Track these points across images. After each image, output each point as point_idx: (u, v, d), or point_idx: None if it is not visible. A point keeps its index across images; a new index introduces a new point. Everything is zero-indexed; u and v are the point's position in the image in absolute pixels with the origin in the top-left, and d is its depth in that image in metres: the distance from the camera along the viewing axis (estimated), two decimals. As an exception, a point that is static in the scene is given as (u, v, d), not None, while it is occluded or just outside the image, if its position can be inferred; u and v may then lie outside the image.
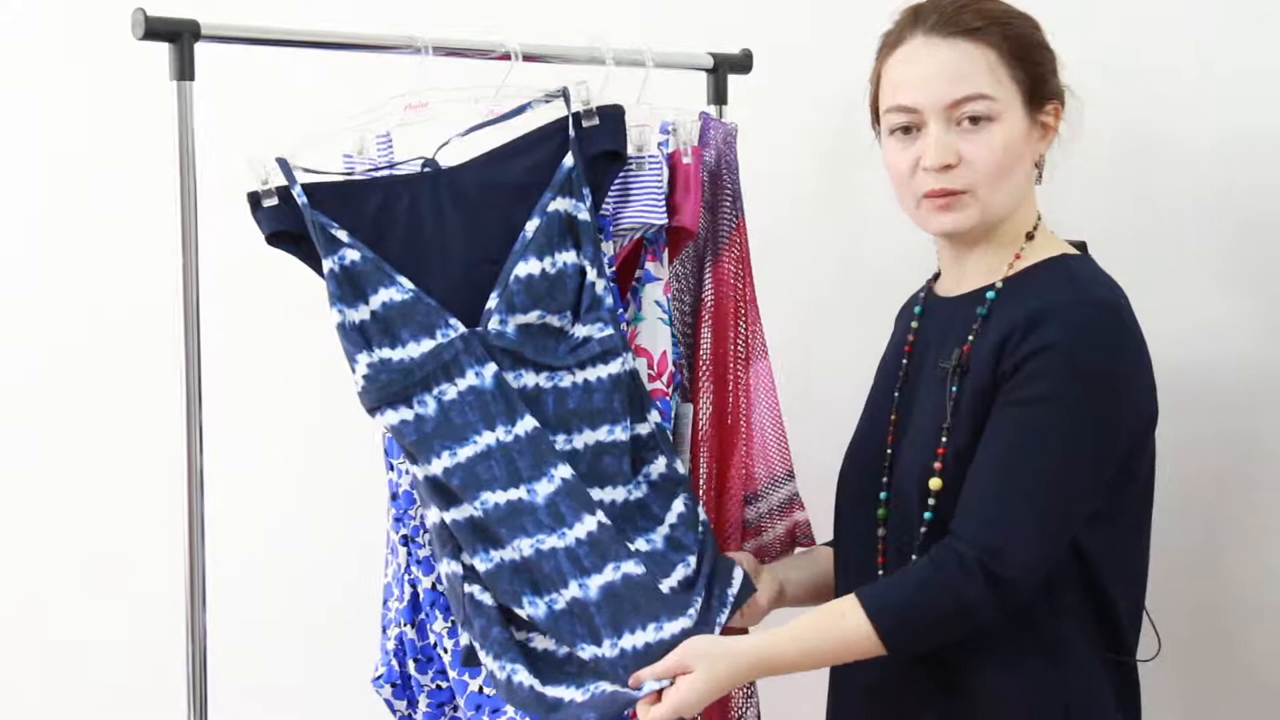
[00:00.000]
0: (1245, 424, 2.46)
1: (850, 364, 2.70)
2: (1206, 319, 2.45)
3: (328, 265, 2.18)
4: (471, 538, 2.17)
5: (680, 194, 2.31)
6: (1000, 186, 2.04)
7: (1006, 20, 2.06)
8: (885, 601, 1.98)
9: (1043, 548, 1.96)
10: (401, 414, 2.18)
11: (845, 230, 2.82)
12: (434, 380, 2.18)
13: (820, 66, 2.81)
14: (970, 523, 1.97)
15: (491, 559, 2.17)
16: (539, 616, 2.15)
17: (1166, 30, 2.49)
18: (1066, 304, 1.99)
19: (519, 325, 2.17)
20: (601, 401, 2.18)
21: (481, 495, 2.16)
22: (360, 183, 2.24)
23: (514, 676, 2.13)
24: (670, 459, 2.22)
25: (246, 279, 3.03)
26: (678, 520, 2.20)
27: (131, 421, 3.41)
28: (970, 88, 2.03)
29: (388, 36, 2.30)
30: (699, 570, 2.16)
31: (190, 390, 2.20)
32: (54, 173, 3.54)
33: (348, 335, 2.17)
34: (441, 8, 3.05)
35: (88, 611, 3.55)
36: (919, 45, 2.06)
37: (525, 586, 2.16)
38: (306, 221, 2.19)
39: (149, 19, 2.13)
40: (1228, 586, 2.49)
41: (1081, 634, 2.02)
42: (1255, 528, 2.47)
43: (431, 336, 2.18)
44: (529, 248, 2.17)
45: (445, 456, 2.17)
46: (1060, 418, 1.95)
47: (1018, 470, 1.96)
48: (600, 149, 2.21)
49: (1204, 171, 2.46)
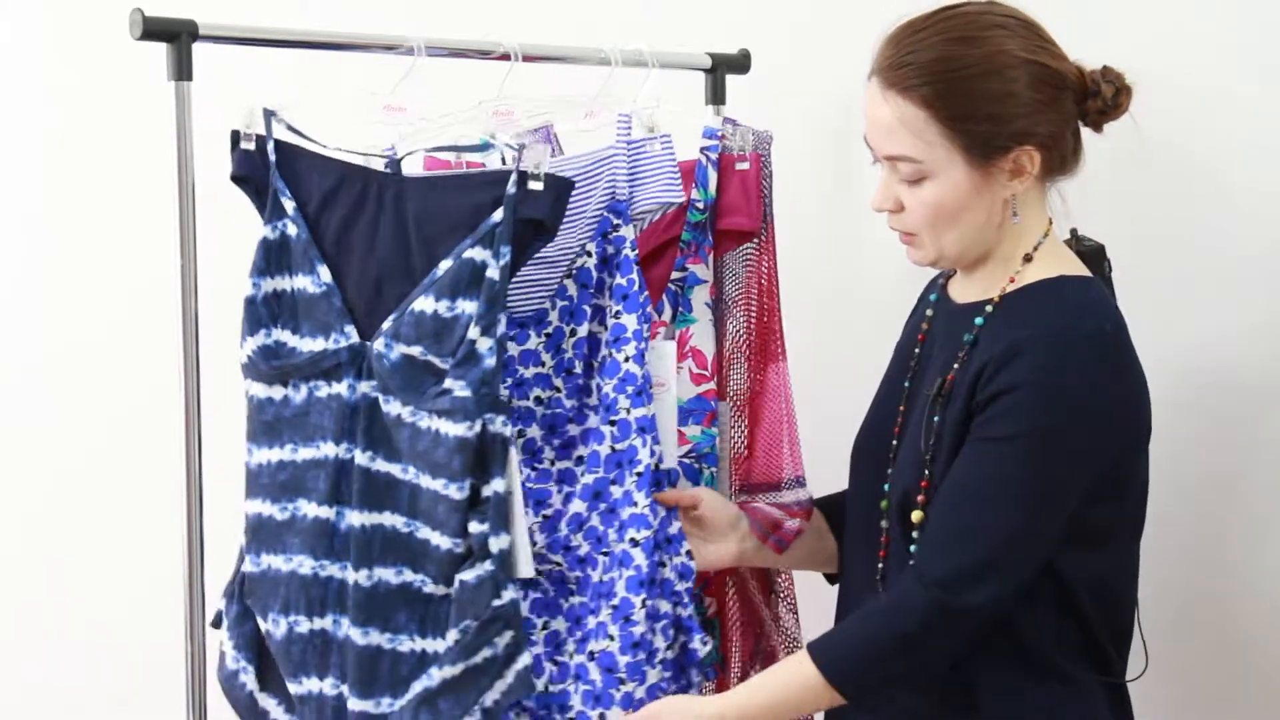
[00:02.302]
0: (1249, 430, 2.45)
1: (850, 363, 2.70)
2: (1230, 321, 2.45)
3: (264, 232, 2.22)
4: (255, 536, 2.22)
5: (737, 197, 2.33)
6: (945, 234, 2.04)
7: (941, 77, 1.98)
8: (833, 650, 2.00)
9: (998, 575, 1.94)
10: (272, 390, 2.22)
11: (844, 230, 2.82)
12: (316, 375, 2.20)
13: (819, 67, 2.81)
14: (925, 556, 1.98)
15: (260, 563, 2.22)
16: (276, 635, 2.20)
17: (1175, 36, 2.48)
18: (1041, 338, 1.97)
19: (402, 354, 2.13)
20: (444, 456, 2.10)
21: (297, 501, 2.19)
22: (323, 158, 2.24)
23: (242, 674, 2.24)
24: (497, 533, 2.11)
25: (244, 278, 3.02)
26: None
27: (131, 421, 3.41)
28: (896, 147, 2.01)
29: (386, 37, 2.30)
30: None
31: (189, 390, 2.20)
32: (53, 173, 3.53)
33: (256, 309, 2.21)
34: (441, 8, 3.05)
35: (87, 611, 3.55)
36: (870, 88, 2.05)
37: (275, 602, 2.20)
38: (265, 180, 2.22)
39: (147, 19, 2.13)
40: (1228, 594, 2.49)
41: (1070, 656, 2.02)
42: (1257, 534, 2.47)
43: (325, 337, 2.19)
44: (434, 286, 2.12)
45: (286, 449, 2.20)
46: (1022, 450, 1.94)
47: (976, 503, 1.96)
48: (531, 215, 2.11)
49: (1223, 177, 2.45)
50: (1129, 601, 2.08)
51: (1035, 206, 2.06)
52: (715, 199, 2.33)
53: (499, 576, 2.08)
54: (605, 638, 2.19)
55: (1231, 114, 2.45)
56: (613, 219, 2.25)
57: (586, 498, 2.23)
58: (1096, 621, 2.02)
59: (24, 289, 3.60)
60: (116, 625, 3.51)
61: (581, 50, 2.40)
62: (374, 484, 2.16)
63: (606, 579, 2.21)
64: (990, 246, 2.06)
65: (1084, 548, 1.99)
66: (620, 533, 2.21)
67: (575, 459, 2.26)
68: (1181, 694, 2.49)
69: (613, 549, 2.22)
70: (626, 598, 2.18)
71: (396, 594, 2.15)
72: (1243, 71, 2.44)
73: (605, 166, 2.27)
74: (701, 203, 2.32)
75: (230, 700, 2.29)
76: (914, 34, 2.02)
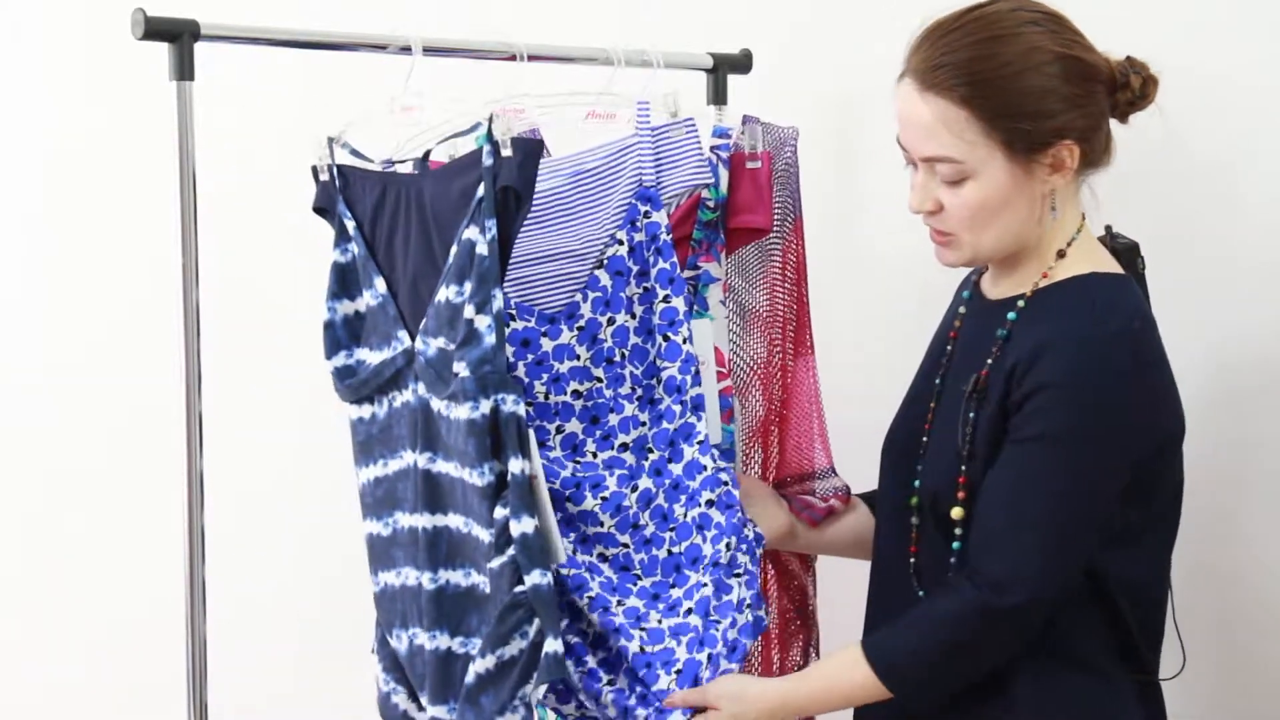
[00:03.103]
0: (1245, 424, 2.46)
1: (850, 362, 2.70)
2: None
3: (334, 257, 2.24)
4: (371, 557, 2.23)
5: (750, 195, 2.34)
6: (984, 232, 2.04)
7: (980, 76, 1.99)
8: (888, 651, 2.02)
9: (1046, 577, 1.96)
10: (363, 410, 2.23)
11: (845, 231, 2.82)
12: (390, 385, 2.21)
13: (820, 66, 2.81)
14: (977, 558, 2.00)
15: (379, 582, 2.23)
16: (401, 651, 2.21)
17: (1193, 32, 2.48)
18: (1071, 335, 1.98)
19: (437, 348, 2.13)
20: (462, 443, 2.09)
21: (395, 514, 2.20)
22: (370, 173, 2.26)
23: (393, 696, 2.24)
24: (519, 516, 2.08)
25: (246, 279, 3.02)
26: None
27: (131, 421, 3.41)
28: (936, 148, 2.01)
29: (388, 37, 2.30)
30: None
31: (190, 390, 2.20)
32: (54, 173, 3.53)
33: (335, 332, 2.24)
34: (442, 8, 3.05)
35: (87, 611, 3.55)
36: (904, 89, 2.05)
37: (396, 618, 2.21)
38: (336, 207, 2.25)
39: (149, 19, 2.13)
40: (1250, 597, 2.48)
41: (1104, 653, 2.03)
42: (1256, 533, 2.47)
43: (388, 347, 2.21)
44: (448, 273, 2.12)
45: (379, 465, 2.21)
46: (1058, 452, 1.96)
47: (1020, 504, 1.97)
48: (505, 183, 2.07)
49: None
50: (1161, 600, 2.09)
51: (1070, 202, 2.07)
52: (727, 197, 2.34)
53: (520, 561, 2.04)
54: (700, 589, 2.19)
55: (1259, 108, 2.44)
56: (641, 206, 2.25)
57: (651, 474, 2.24)
58: (1130, 619, 2.03)
59: (24, 289, 3.60)
60: (116, 625, 3.51)
61: (585, 50, 2.40)
62: (433, 485, 2.15)
63: (677, 550, 2.23)
64: (1026, 243, 2.06)
65: (1115, 546, 2.00)
66: (691, 501, 2.22)
67: (619, 446, 2.26)
68: (1215, 692, 2.48)
69: (683, 520, 2.23)
70: (716, 550, 2.19)
71: (465, 597, 2.13)
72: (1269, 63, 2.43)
73: (629, 155, 2.27)
74: (713, 201, 2.33)
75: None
76: (946, 34, 2.02)
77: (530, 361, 2.23)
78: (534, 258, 2.25)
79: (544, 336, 2.24)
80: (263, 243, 3.10)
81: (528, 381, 2.23)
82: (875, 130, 2.78)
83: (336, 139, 2.26)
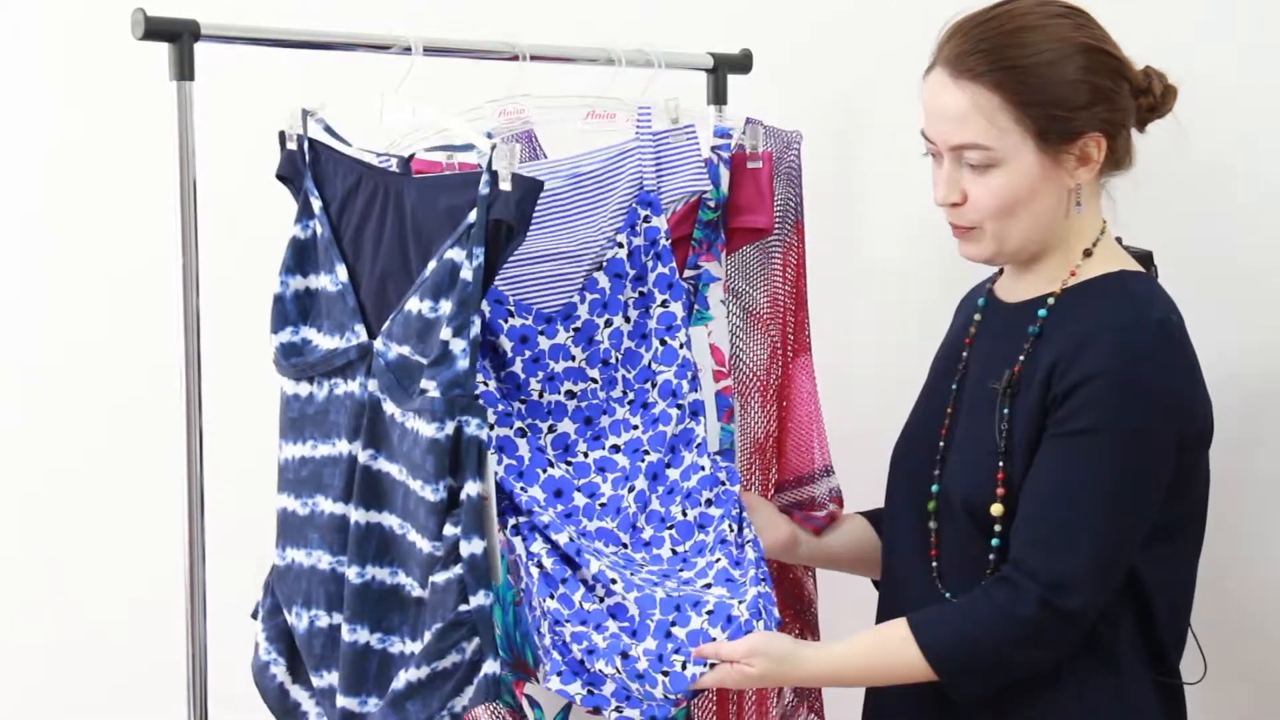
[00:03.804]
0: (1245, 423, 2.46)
1: (851, 362, 2.70)
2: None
3: (294, 231, 2.25)
4: (282, 531, 2.26)
5: (751, 196, 2.35)
6: (1011, 224, 2.04)
7: (1014, 63, 2.00)
8: (940, 637, 2.00)
9: (1103, 577, 1.97)
10: (299, 388, 2.25)
11: (846, 231, 2.82)
12: (335, 373, 2.21)
13: (820, 66, 2.81)
14: (1030, 555, 1.97)
15: (285, 558, 2.25)
16: (299, 629, 2.23)
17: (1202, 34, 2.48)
18: (1114, 326, 1.98)
19: (398, 354, 2.13)
20: (419, 457, 2.09)
21: (316, 497, 2.22)
22: (347, 158, 2.25)
23: (272, 666, 2.27)
24: (469, 537, 2.07)
25: (246, 279, 3.02)
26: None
27: (132, 421, 3.41)
28: (968, 135, 2.01)
29: (388, 37, 2.30)
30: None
31: (190, 390, 2.21)
32: (54, 173, 3.53)
33: (284, 306, 2.26)
34: (443, 8, 3.05)
35: (88, 611, 3.55)
36: (936, 78, 2.05)
37: (299, 596, 2.23)
38: (302, 181, 2.25)
39: (149, 19, 2.13)
40: (1229, 590, 2.49)
41: (1132, 652, 2.03)
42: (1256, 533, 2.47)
43: (340, 336, 2.21)
44: (422, 286, 2.11)
45: (307, 445, 2.23)
46: (1112, 446, 1.95)
47: (1075, 500, 1.96)
48: (499, 216, 2.05)
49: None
50: (1189, 601, 2.09)
51: (1093, 202, 2.08)
52: (728, 197, 2.34)
53: (467, 581, 2.06)
54: (714, 565, 2.18)
55: (1262, 109, 2.44)
56: (641, 210, 2.25)
57: (648, 477, 2.24)
58: (1160, 618, 2.03)
59: (24, 289, 3.60)
60: (116, 625, 3.51)
61: (586, 50, 2.40)
62: (373, 482, 2.16)
63: (681, 549, 2.22)
64: (1048, 241, 2.06)
65: (1154, 543, 2.00)
66: (690, 501, 2.23)
67: (610, 448, 2.26)
68: (1239, 698, 2.48)
69: (683, 518, 2.23)
70: (720, 530, 2.20)
71: (390, 595, 2.15)
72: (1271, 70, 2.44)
73: (629, 159, 2.28)
74: (714, 201, 2.33)
75: (261, 691, 2.30)
76: (977, 25, 2.03)
77: (527, 358, 2.23)
78: (531, 257, 2.25)
79: (541, 335, 2.24)
80: (263, 243, 3.10)
81: (523, 379, 2.23)
82: (875, 131, 2.79)
83: (312, 113, 2.25)
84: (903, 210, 2.74)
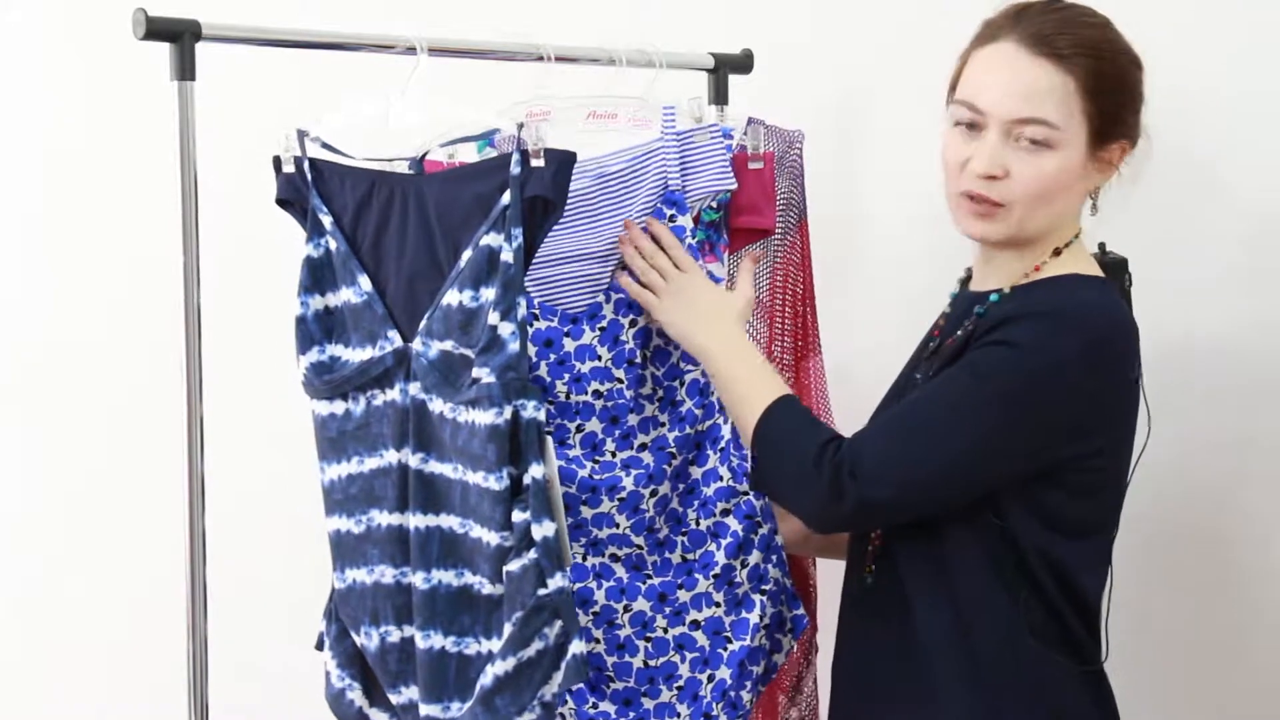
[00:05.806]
0: (1244, 424, 2.46)
1: (850, 362, 2.71)
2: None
3: (307, 251, 2.23)
4: (338, 553, 2.23)
5: (754, 196, 2.35)
6: (1039, 210, 2.04)
7: (1099, 54, 2.03)
8: (775, 429, 2.07)
9: (900, 484, 1.99)
10: (334, 406, 2.22)
11: (846, 231, 2.82)
12: (372, 384, 2.20)
13: (820, 66, 2.81)
14: (854, 438, 2.03)
15: (345, 579, 2.23)
16: (370, 648, 2.21)
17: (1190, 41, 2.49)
18: (1041, 311, 2.00)
19: (439, 350, 2.13)
20: (479, 447, 2.08)
21: (370, 512, 2.20)
22: (353, 169, 2.25)
23: (348, 692, 2.25)
24: (539, 520, 2.08)
25: (247, 279, 3.03)
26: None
27: (132, 421, 3.41)
28: (1037, 110, 2.02)
29: (391, 37, 2.29)
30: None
31: (191, 390, 2.20)
32: (54, 173, 3.54)
33: (307, 327, 2.24)
34: (443, 8, 3.05)
35: (87, 611, 3.55)
36: (1007, 50, 2.04)
37: (365, 615, 2.22)
38: (307, 200, 2.24)
39: (150, 19, 2.13)
40: (1229, 590, 2.49)
41: (1051, 644, 2.04)
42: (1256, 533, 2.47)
43: (372, 345, 2.20)
44: (459, 278, 2.11)
45: (353, 462, 2.21)
46: (979, 388, 1.98)
47: (915, 410, 2.02)
48: (536, 193, 2.06)
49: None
50: (1097, 592, 2.09)
51: (1079, 206, 2.10)
52: (730, 198, 2.34)
53: (543, 565, 2.05)
54: (710, 605, 2.21)
55: (1233, 117, 2.45)
56: (667, 210, 2.26)
57: (671, 477, 2.25)
58: (1069, 610, 2.04)
59: (25, 289, 3.60)
60: (116, 625, 3.52)
61: (586, 50, 2.40)
62: (427, 486, 2.15)
63: (690, 558, 2.24)
64: (1042, 234, 2.08)
65: (1061, 534, 2.02)
66: (704, 510, 2.24)
67: (637, 447, 2.26)
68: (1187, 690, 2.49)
69: (696, 527, 2.24)
70: (729, 564, 2.21)
71: (459, 596, 2.13)
72: (1250, 74, 2.44)
73: (653, 159, 2.28)
74: (716, 201, 2.33)
75: (340, 719, 2.28)
76: (1057, 10, 2.05)
77: (552, 361, 2.24)
78: (557, 258, 2.26)
79: (566, 336, 2.24)
80: (264, 243, 3.10)
81: (549, 381, 2.24)
82: (875, 130, 2.79)
83: (307, 132, 2.25)
84: (902, 210, 2.74)
